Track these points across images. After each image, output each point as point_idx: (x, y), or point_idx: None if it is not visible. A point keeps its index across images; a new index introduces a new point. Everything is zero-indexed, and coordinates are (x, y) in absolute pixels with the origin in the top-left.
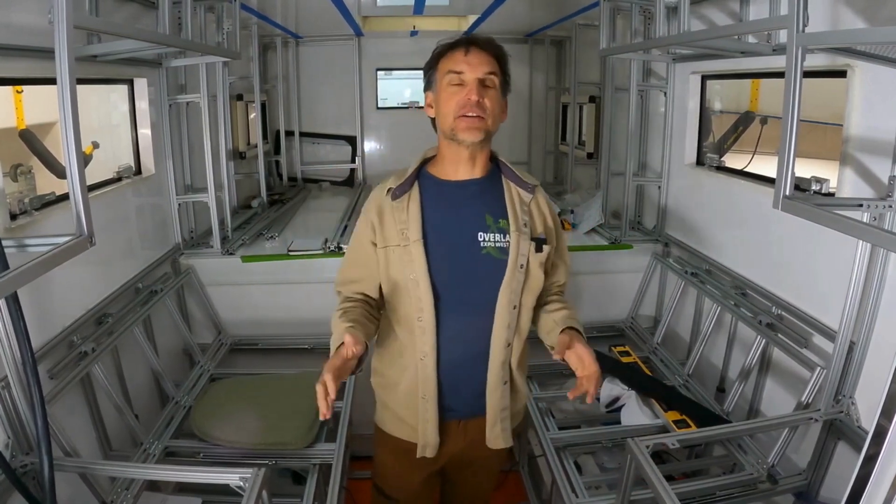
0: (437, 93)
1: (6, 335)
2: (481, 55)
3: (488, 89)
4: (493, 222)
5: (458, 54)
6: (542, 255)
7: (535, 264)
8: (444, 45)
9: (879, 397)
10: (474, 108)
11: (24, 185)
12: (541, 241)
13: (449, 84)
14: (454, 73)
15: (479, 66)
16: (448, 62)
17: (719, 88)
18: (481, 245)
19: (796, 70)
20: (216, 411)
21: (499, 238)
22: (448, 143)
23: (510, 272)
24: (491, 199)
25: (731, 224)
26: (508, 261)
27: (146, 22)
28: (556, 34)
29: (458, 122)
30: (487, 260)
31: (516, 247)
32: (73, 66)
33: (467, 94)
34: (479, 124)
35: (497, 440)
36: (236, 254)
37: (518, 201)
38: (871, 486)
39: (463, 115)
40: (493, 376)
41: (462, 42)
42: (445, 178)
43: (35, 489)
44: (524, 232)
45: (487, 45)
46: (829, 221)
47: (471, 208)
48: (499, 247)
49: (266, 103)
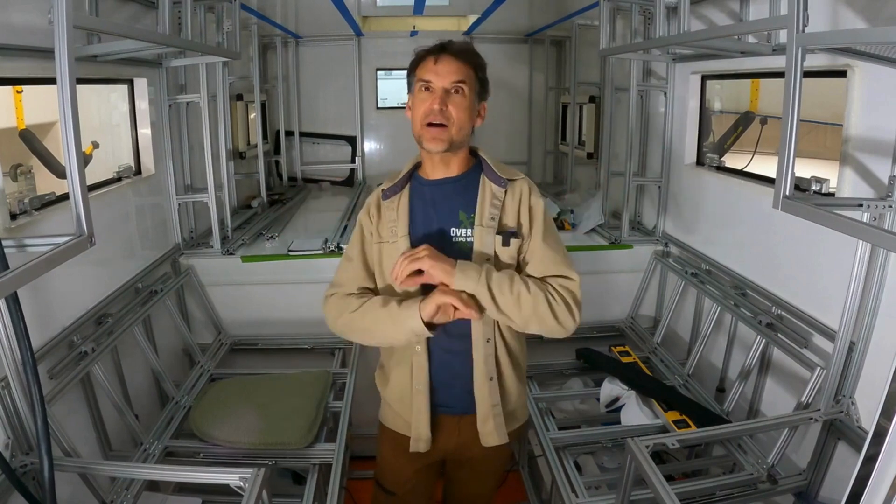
0: (412, 98)
1: (6, 335)
2: (451, 64)
3: (454, 96)
4: (466, 217)
5: (429, 62)
6: (511, 249)
7: (504, 257)
8: (421, 52)
9: (879, 397)
10: (437, 115)
11: (24, 185)
12: (509, 234)
13: (419, 91)
14: (423, 81)
15: (447, 75)
16: (421, 70)
17: (719, 88)
18: (454, 240)
19: (796, 70)
20: (216, 411)
21: (468, 233)
22: (420, 147)
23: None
24: (466, 196)
25: (731, 224)
26: (473, 255)
27: (146, 22)
28: (555, 34)
29: (423, 132)
30: (459, 255)
31: (480, 241)
32: (73, 66)
33: (431, 102)
34: (441, 135)
35: (490, 437)
36: (236, 254)
37: (490, 196)
38: (871, 486)
39: (428, 122)
40: (479, 372)
41: (434, 50)
42: (427, 177)
43: (35, 489)
44: (489, 226)
45: (460, 52)
46: (829, 221)
47: (447, 204)
48: (469, 241)
49: (266, 103)
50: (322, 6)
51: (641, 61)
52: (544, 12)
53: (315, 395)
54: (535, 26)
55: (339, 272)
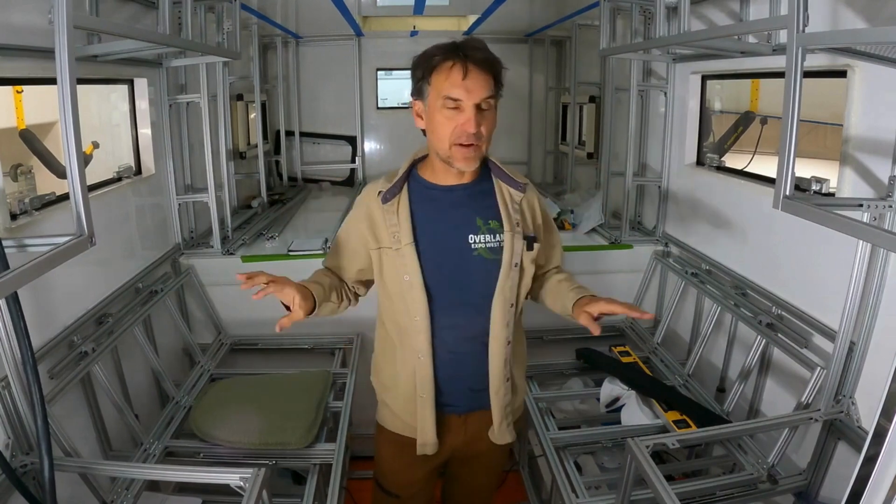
0: (429, 109)
1: (6, 335)
2: (479, 78)
3: (485, 112)
4: (484, 224)
5: (454, 76)
6: (534, 253)
7: (527, 262)
8: (438, 56)
9: (879, 397)
10: (471, 137)
11: (24, 185)
12: (532, 239)
13: (444, 107)
14: (450, 98)
15: (478, 92)
16: (444, 83)
17: (719, 88)
18: (472, 247)
19: (796, 70)
20: (216, 411)
21: (489, 239)
22: (440, 160)
23: (505, 272)
24: (481, 201)
25: (731, 224)
26: (503, 261)
27: (146, 22)
28: (556, 34)
29: (454, 151)
30: (479, 261)
31: (510, 247)
32: (73, 66)
33: (464, 124)
34: (474, 154)
35: (504, 435)
36: (236, 254)
37: (510, 201)
38: (871, 486)
39: (459, 143)
40: (496, 375)
41: (458, 58)
42: (435, 181)
43: (35, 489)
44: (517, 232)
45: (485, 63)
46: (829, 221)
47: (461, 211)
48: (489, 247)
49: (266, 103)
50: (322, 6)
51: (641, 61)
52: (544, 12)
53: (315, 395)
54: (535, 26)
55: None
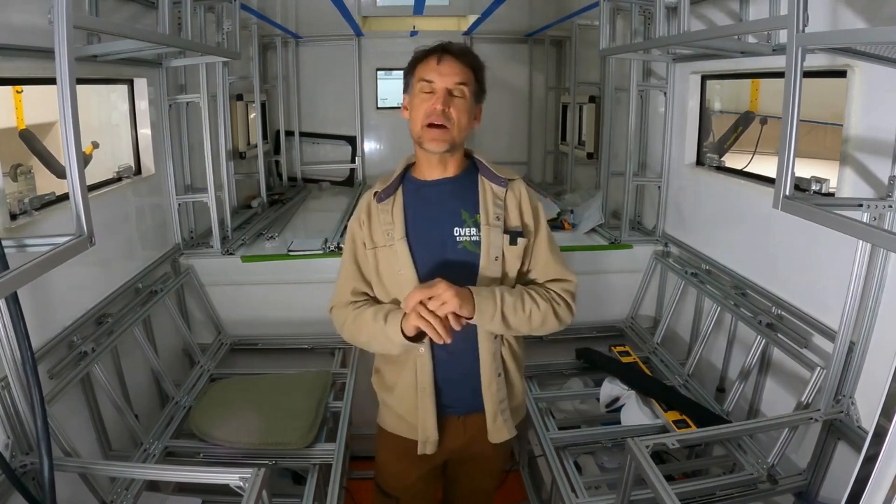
0: (411, 97)
1: (6, 335)
2: (453, 65)
3: (456, 99)
4: (469, 217)
5: (431, 62)
6: (518, 248)
7: (510, 256)
8: (421, 52)
9: (879, 397)
10: (439, 116)
11: (24, 185)
12: (516, 234)
13: (420, 91)
14: (425, 81)
15: (450, 76)
16: (422, 69)
17: (719, 88)
18: (458, 240)
19: (796, 70)
20: (216, 411)
21: (473, 232)
22: (418, 148)
23: (483, 264)
24: (466, 196)
25: (731, 224)
26: (481, 253)
27: (146, 22)
28: (555, 34)
29: (424, 132)
30: (464, 254)
31: (487, 239)
32: (73, 66)
33: (433, 102)
34: (443, 136)
35: (500, 433)
36: (236, 254)
37: (491, 196)
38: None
39: (429, 123)
40: (487, 369)
41: (436, 50)
42: (422, 178)
43: (35, 489)
44: (495, 225)
45: (461, 54)
46: (828, 221)
47: (448, 205)
48: (473, 241)
49: (266, 103)
50: (322, 6)
51: (641, 61)
52: (544, 12)
53: (315, 395)
54: (534, 26)
55: (336, 284)
